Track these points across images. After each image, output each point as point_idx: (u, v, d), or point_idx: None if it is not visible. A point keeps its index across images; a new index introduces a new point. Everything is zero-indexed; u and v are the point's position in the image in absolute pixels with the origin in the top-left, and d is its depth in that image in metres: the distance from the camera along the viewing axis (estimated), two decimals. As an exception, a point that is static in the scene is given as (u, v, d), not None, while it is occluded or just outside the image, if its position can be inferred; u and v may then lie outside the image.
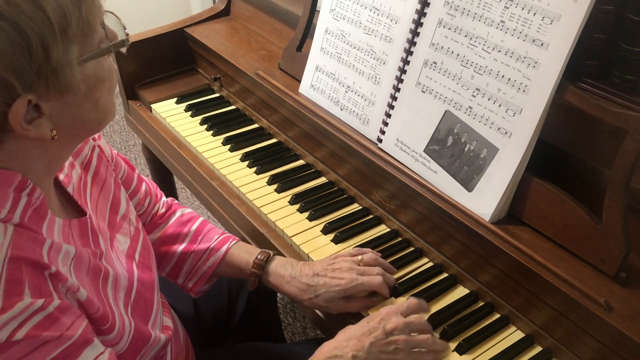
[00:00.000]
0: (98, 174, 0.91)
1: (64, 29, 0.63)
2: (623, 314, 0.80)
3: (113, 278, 0.80)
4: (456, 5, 0.98)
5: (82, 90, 0.68)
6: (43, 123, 0.67)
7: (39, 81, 0.63)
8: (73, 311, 0.68)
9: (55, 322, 0.65)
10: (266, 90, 1.37)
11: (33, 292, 0.64)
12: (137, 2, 3.28)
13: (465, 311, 0.98)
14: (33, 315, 0.63)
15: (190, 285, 1.09)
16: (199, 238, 1.09)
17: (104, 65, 0.72)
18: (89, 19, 0.66)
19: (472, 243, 0.98)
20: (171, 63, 1.70)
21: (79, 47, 0.66)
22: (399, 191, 1.10)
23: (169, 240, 1.09)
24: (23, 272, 0.64)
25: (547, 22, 0.86)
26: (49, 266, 0.67)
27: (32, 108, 0.65)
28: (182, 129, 1.48)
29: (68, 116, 0.69)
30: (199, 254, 1.07)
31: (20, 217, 0.68)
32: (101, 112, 0.73)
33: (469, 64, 0.98)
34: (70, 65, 0.65)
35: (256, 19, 1.67)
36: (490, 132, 0.96)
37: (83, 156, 0.89)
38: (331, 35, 1.24)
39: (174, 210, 1.14)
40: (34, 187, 0.70)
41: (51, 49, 0.62)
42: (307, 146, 1.32)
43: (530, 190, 0.93)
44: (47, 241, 0.69)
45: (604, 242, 0.85)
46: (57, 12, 0.62)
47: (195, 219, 1.12)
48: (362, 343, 0.85)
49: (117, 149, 2.92)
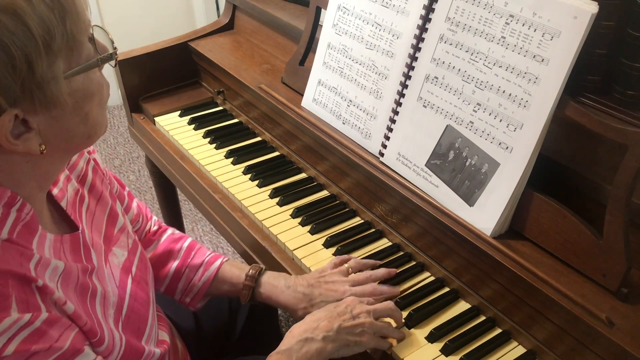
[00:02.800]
0: (94, 187, 0.91)
1: (47, 43, 0.63)
2: (624, 330, 0.80)
3: (101, 295, 0.79)
4: (457, 21, 0.99)
5: (69, 105, 0.68)
6: (31, 138, 0.66)
7: (24, 96, 0.63)
8: (62, 323, 0.68)
9: (44, 335, 0.65)
10: (269, 103, 1.38)
11: (20, 307, 0.64)
12: (142, 15, 3.31)
13: (466, 326, 0.98)
14: (21, 330, 0.63)
15: (188, 301, 1.10)
16: (192, 253, 1.10)
17: (93, 79, 0.71)
18: (74, 33, 0.66)
19: (474, 257, 0.97)
20: (175, 76, 1.71)
21: (64, 62, 0.66)
22: (400, 205, 1.10)
23: (163, 257, 1.10)
24: (9, 287, 0.64)
25: (548, 38, 0.87)
26: (35, 279, 0.67)
27: (19, 123, 0.65)
28: (185, 141, 1.49)
29: (57, 131, 0.69)
30: (194, 269, 1.08)
31: (8, 232, 0.67)
32: (91, 126, 0.73)
33: (470, 79, 0.98)
34: (56, 79, 0.65)
35: (260, 33, 1.68)
36: (491, 147, 0.96)
37: (79, 169, 0.89)
38: (333, 49, 1.25)
39: (164, 229, 1.16)
40: (23, 203, 0.70)
41: (35, 63, 0.62)
42: (309, 159, 1.33)
43: (532, 205, 0.93)
44: (36, 256, 0.69)
45: (605, 258, 0.84)
46: (41, 26, 0.61)
47: (185, 237, 1.14)
48: (331, 324, 0.89)
49: (121, 161, 2.93)
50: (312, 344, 0.87)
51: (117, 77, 1.63)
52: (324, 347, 0.87)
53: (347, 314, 0.91)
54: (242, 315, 1.29)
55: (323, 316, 0.91)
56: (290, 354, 0.86)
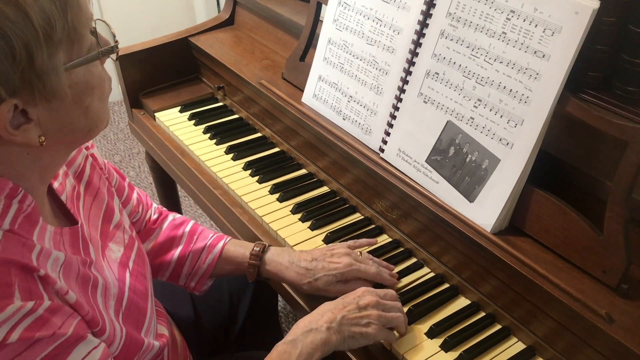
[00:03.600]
0: (91, 184, 0.91)
1: (48, 34, 0.63)
2: (624, 326, 0.80)
3: (102, 286, 0.80)
4: (458, 17, 0.99)
5: (69, 97, 0.68)
6: (30, 129, 0.66)
7: (23, 86, 0.63)
8: (64, 311, 0.68)
9: (47, 322, 0.65)
10: (269, 99, 1.38)
11: (23, 295, 0.64)
12: (142, 11, 3.30)
13: (466, 322, 0.98)
14: (24, 317, 0.63)
15: (193, 285, 1.11)
16: (195, 238, 1.10)
17: (94, 72, 0.71)
18: (75, 25, 0.66)
19: (474, 254, 0.97)
20: (175, 72, 1.71)
21: (65, 53, 0.66)
22: (400, 201, 1.10)
23: (165, 245, 1.10)
24: (12, 275, 0.64)
25: (549, 33, 0.87)
26: (37, 269, 0.67)
27: (19, 113, 0.65)
28: (186, 137, 1.49)
29: (56, 122, 0.69)
30: (197, 253, 1.09)
31: (10, 223, 0.68)
32: (92, 119, 0.73)
33: (471, 75, 0.98)
34: (55, 70, 0.65)
35: (260, 28, 1.68)
36: (491, 143, 0.96)
37: (76, 165, 0.89)
38: (334, 45, 1.25)
39: (165, 216, 1.15)
40: (25, 195, 0.70)
41: (35, 54, 0.62)
42: (310, 155, 1.33)
43: (532, 201, 0.93)
44: (37, 246, 0.69)
45: (606, 254, 0.84)
46: (42, 17, 0.62)
47: (187, 222, 1.14)
48: (334, 315, 0.89)
49: (121, 156, 2.93)
50: (317, 334, 0.87)
51: (118, 73, 1.63)
52: (328, 338, 0.87)
53: (353, 304, 0.91)
54: (243, 310, 1.29)
55: (329, 308, 0.91)
56: (295, 343, 0.86)
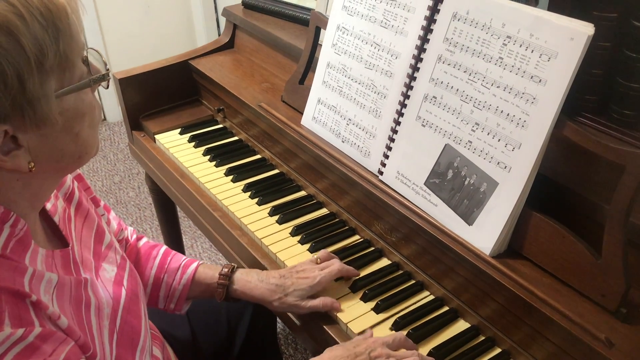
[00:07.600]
0: (81, 205, 0.92)
1: (40, 61, 0.63)
2: (624, 351, 0.79)
3: (95, 307, 0.80)
4: (455, 42, 1.00)
5: (59, 123, 0.68)
6: (20, 155, 0.67)
7: (14, 112, 0.63)
8: (55, 337, 0.68)
9: (37, 350, 0.65)
10: (269, 122, 1.39)
11: (13, 322, 0.64)
12: (143, 34, 3.33)
13: (466, 346, 0.98)
14: (14, 345, 0.63)
15: (173, 307, 1.12)
16: (169, 259, 1.12)
17: (85, 99, 0.72)
18: (67, 53, 0.67)
19: (473, 277, 0.97)
20: (175, 94, 1.72)
21: (56, 81, 0.67)
22: (399, 224, 1.10)
23: (143, 261, 1.12)
24: (2, 302, 0.64)
25: (545, 59, 0.88)
26: (29, 295, 0.67)
27: (9, 139, 0.65)
28: (185, 159, 1.50)
29: (46, 149, 0.69)
30: (172, 273, 1.10)
31: (1, 248, 0.68)
32: (82, 146, 0.73)
33: (469, 99, 0.99)
34: (46, 97, 0.66)
35: (260, 52, 1.70)
36: (489, 166, 0.96)
37: (66, 188, 0.90)
38: (333, 69, 1.26)
39: (141, 237, 1.18)
40: (17, 218, 0.70)
41: (27, 80, 0.63)
42: (309, 177, 1.33)
43: (530, 225, 0.94)
44: (29, 269, 0.69)
45: (604, 278, 0.84)
46: (34, 45, 0.62)
47: (160, 245, 1.17)
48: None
49: (121, 177, 2.93)
50: None
51: (118, 95, 1.64)
52: None
53: (364, 355, 0.89)
54: (241, 332, 1.28)
55: (340, 354, 0.90)
56: None
